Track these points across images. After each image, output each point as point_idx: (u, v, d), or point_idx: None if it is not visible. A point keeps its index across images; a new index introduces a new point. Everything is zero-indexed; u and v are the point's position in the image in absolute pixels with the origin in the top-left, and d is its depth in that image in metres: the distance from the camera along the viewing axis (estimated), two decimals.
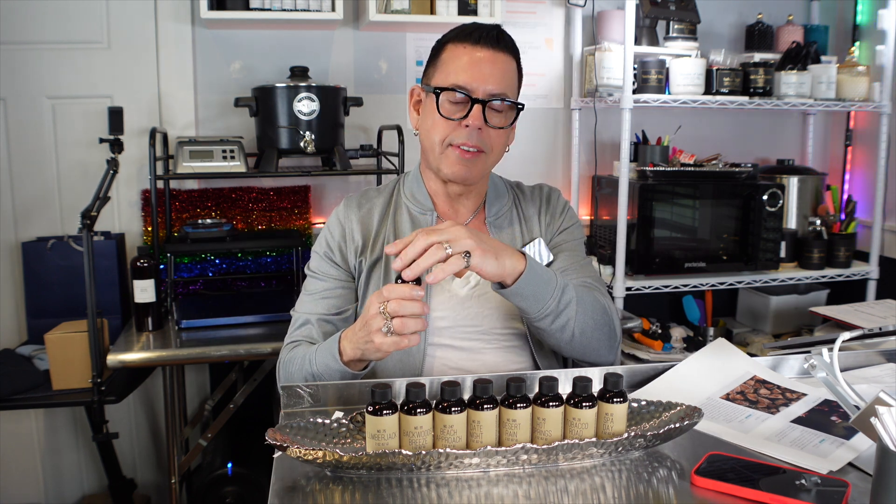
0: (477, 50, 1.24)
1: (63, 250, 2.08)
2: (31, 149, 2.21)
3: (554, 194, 1.43)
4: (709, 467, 0.86)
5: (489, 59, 1.24)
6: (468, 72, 1.23)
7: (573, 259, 1.35)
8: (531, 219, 1.39)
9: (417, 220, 1.35)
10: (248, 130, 2.25)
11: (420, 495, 0.82)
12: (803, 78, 2.34)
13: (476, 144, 1.25)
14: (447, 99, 1.24)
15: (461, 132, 1.24)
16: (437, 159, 1.28)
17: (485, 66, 1.24)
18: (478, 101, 1.23)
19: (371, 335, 1.06)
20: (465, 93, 1.23)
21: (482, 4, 2.24)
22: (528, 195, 1.43)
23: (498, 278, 1.11)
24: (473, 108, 1.23)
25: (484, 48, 1.24)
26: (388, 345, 1.05)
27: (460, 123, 1.24)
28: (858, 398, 0.94)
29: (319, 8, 2.11)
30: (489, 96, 1.24)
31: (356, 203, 1.38)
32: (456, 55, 1.25)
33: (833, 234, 2.47)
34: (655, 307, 2.66)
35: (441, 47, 1.29)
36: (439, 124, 1.26)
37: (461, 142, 1.25)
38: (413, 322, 1.03)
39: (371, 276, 1.31)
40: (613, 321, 1.26)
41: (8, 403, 1.82)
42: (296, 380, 1.22)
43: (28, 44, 2.16)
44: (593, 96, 2.39)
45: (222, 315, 1.95)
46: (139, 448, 2.43)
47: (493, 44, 1.25)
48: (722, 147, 2.67)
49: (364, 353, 1.10)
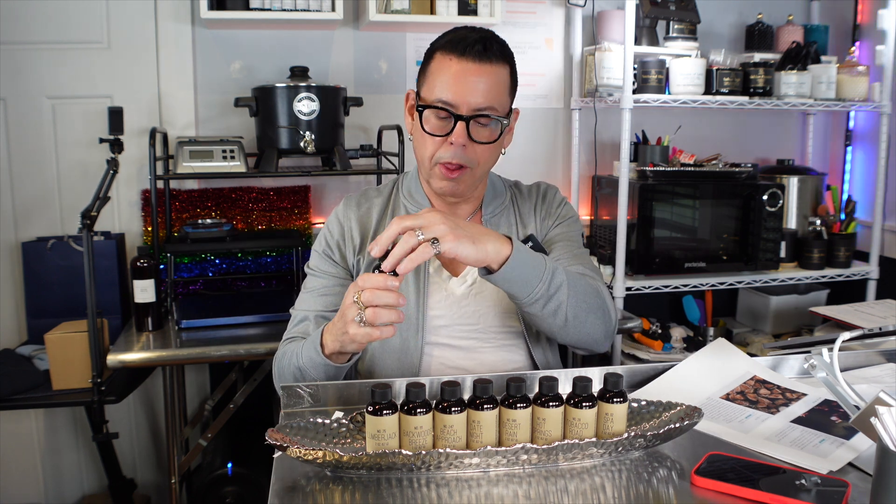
0: (462, 62, 1.20)
1: (63, 250, 2.08)
2: (31, 149, 2.21)
3: (551, 190, 1.43)
4: (709, 467, 0.86)
5: (474, 71, 1.20)
6: (452, 87, 1.20)
7: (567, 249, 1.33)
8: (527, 215, 1.39)
9: None
10: (248, 130, 2.25)
11: (420, 495, 0.82)
12: (803, 78, 2.34)
13: (459, 162, 1.23)
14: (432, 115, 1.23)
15: (447, 149, 1.23)
16: (427, 174, 1.28)
17: (469, 81, 1.20)
18: (461, 118, 1.20)
19: (346, 325, 1.04)
20: (448, 109, 1.21)
21: (482, 4, 2.24)
22: (526, 193, 1.43)
23: (480, 263, 1.08)
24: (457, 125, 1.21)
25: (469, 61, 1.20)
26: (361, 335, 1.03)
27: (445, 139, 1.22)
28: (858, 398, 0.94)
29: (319, 8, 2.11)
30: (474, 111, 1.21)
31: (355, 202, 1.38)
32: (442, 67, 1.22)
33: (833, 234, 2.47)
34: (655, 307, 2.66)
35: (431, 55, 1.26)
36: (423, 141, 1.25)
37: (446, 160, 1.23)
38: (386, 313, 1.01)
39: None
40: (607, 304, 1.23)
41: (8, 403, 1.82)
42: (286, 374, 1.22)
43: (28, 44, 2.16)
44: (593, 96, 2.40)
45: (222, 315, 1.95)
46: (139, 448, 2.43)
47: (478, 56, 1.20)
48: (722, 147, 2.67)
49: (342, 345, 1.09)
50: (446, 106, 1.21)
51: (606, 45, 2.33)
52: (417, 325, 1.28)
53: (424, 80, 1.26)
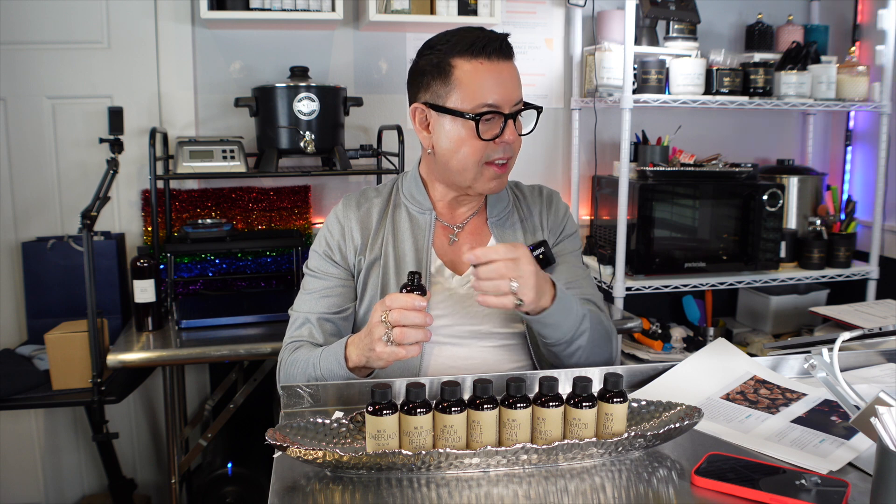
0: (492, 63, 1.23)
1: (63, 250, 2.08)
2: (31, 149, 2.21)
3: (555, 197, 1.44)
4: (709, 467, 0.86)
5: (506, 70, 1.24)
6: (494, 89, 1.22)
7: (577, 272, 1.38)
8: (533, 220, 1.40)
9: (416, 219, 1.35)
10: (248, 130, 2.25)
11: (420, 495, 0.82)
12: (803, 78, 2.34)
13: (509, 156, 1.27)
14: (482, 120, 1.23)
15: (495, 148, 1.25)
16: (471, 179, 1.27)
17: (506, 80, 1.24)
18: (509, 116, 1.24)
19: (373, 343, 1.07)
20: (496, 111, 1.23)
21: (482, 4, 2.24)
22: (528, 195, 1.43)
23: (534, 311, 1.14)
24: (507, 124, 1.23)
25: (497, 60, 1.23)
26: (388, 354, 1.06)
27: (495, 141, 1.24)
28: (858, 398, 0.94)
29: (319, 8, 2.11)
30: (514, 108, 1.25)
31: (355, 202, 1.38)
32: (475, 74, 1.22)
33: (833, 234, 2.47)
34: (655, 307, 2.66)
35: (449, 64, 1.24)
36: (476, 147, 1.24)
37: (497, 158, 1.25)
38: (413, 332, 1.05)
39: (370, 274, 1.32)
40: (612, 339, 1.30)
41: (8, 403, 1.82)
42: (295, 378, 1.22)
43: (28, 44, 2.16)
44: (593, 96, 2.40)
45: (222, 315, 1.95)
46: (139, 448, 2.43)
47: (503, 53, 1.24)
48: (722, 147, 2.67)
49: (368, 361, 1.12)
50: (493, 108, 1.22)
51: (606, 45, 2.33)
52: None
53: (450, 89, 1.24)
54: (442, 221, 1.36)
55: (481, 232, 1.37)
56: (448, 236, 1.36)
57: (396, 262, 1.31)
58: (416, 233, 1.33)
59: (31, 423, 2.31)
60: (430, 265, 1.31)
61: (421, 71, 1.28)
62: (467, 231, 1.37)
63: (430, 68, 1.26)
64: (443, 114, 1.25)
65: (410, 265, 1.30)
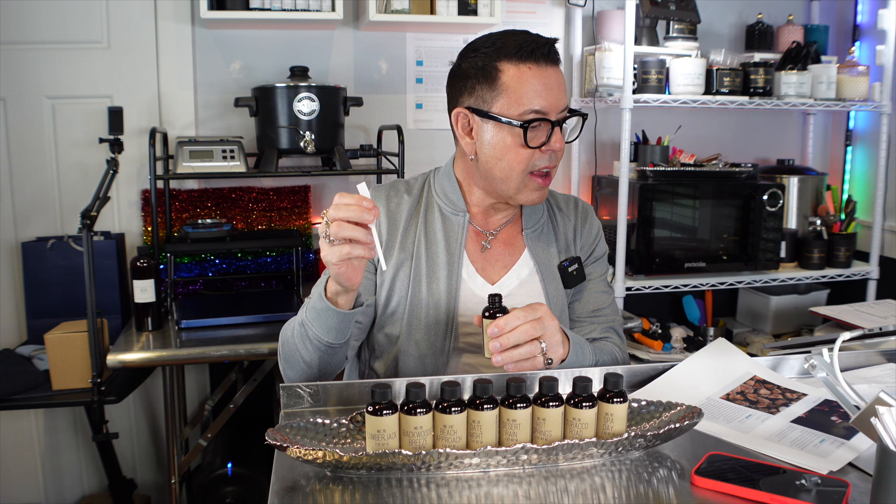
0: (539, 68, 1.19)
1: (63, 250, 2.08)
2: (31, 149, 2.21)
3: (590, 213, 1.42)
4: (709, 467, 0.86)
5: (554, 75, 1.21)
6: (542, 95, 1.19)
7: (602, 299, 1.37)
8: (567, 235, 1.38)
9: (449, 220, 1.32)
10: (248, 130, 2.25)
11: (420, 495, 0.82)
12: (803, 78, 2.34)
13: (554, 164, 1.24)
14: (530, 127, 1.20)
15: (540, 156, 1.22)
16: (514, 189, 1.25)
17: (553, 85, 1.20)
18: (557, 124, 1.21)
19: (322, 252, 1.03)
20: (543, 118, 1.20)
21: (482, 4, 2.24)
22: (563, 208, 1.41)
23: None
24: (554, 131, 1.20)
25: (545, 65, 1.20)
26: (332, 255, 1.01)
27: (542, 149, 1.21)
28: (858, 398, 0.94)
29: (319, 8, 2.11)
30: (561, 114, 1.22)
31: (385, 195, 1.34)
32: (522, 79, 1.18)
33: (833, 234, 2.47)
34: (655, 307, 2.66)
35: (495, 67, 1.20)
36: (522, 156, 1.21)
37: (543, 165, 1.22)
38: (349, 227, 0.98)
39: (398, 273, 1.29)
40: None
41: (8, 403, 1.82)
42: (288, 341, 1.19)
43: (28, 44, 2.16)
44: (593, 96, 2.39)
45: (222, 315, 1.95)
46: (139, 448, 2.43)
47: (551, 59, 1.20)
48: (722, 147, 2.67)
49: (336, 278, 1.06)
50: (540, 115, 1.19)
51: (606, 45, 2.33)
52: (447, 328, 1.27)
53: (497, 94, 1.20)
54: (475, 226, 1.33)
55: (515, 242, 1.35)
56: (481, 242, 1.33)
57: (429, 264, 1.28)
58: (448, 234, 1.30)
59: (31, 423, 2.31)
60: (461, 270, 1.29)
61: (464, 74, 1.23)
62: (500, 239, 1.34)
63: (475, 71, 1.21)
64: (488, 119, 1.21)
65: (443, 268, 1.28)
